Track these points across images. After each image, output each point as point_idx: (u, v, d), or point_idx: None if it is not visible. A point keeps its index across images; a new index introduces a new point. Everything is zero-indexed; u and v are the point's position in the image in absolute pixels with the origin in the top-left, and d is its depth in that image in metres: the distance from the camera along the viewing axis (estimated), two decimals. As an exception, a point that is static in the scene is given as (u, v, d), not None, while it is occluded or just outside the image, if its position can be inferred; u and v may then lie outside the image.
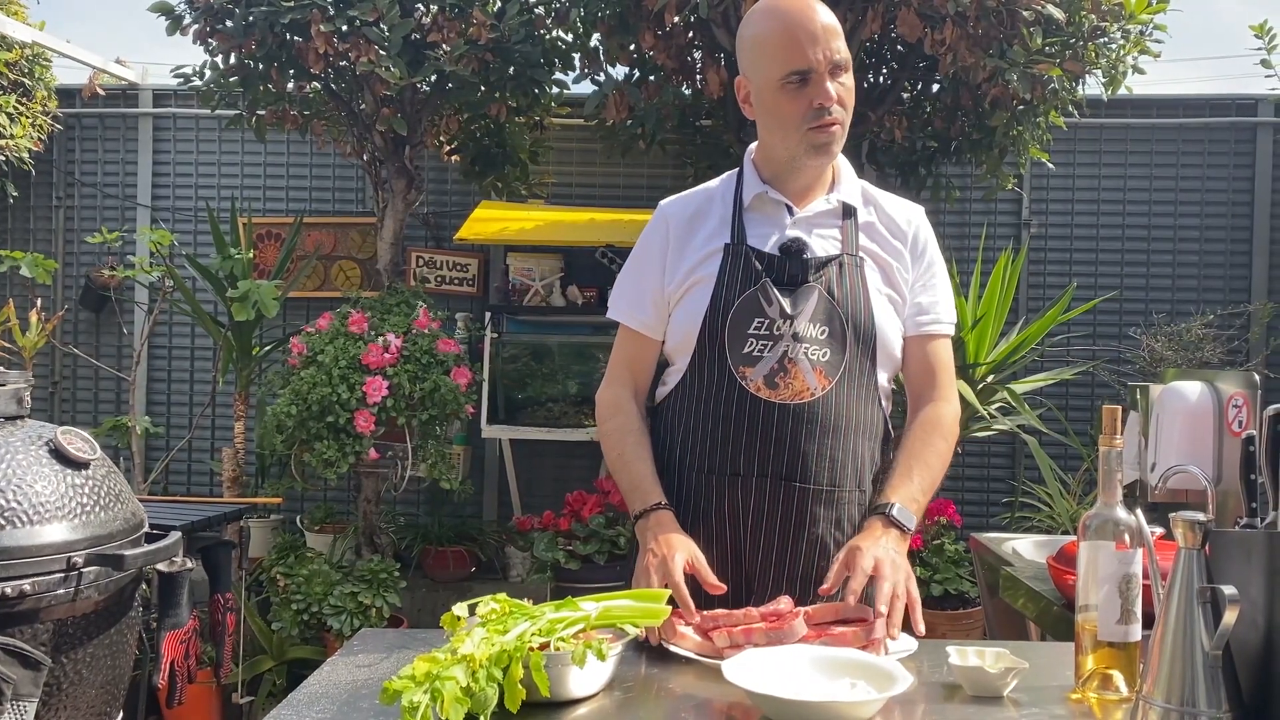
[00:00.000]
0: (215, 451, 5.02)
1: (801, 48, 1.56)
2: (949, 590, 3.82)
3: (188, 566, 1.60)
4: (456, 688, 1.11)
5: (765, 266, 1.63)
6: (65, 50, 4.85)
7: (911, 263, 1.71)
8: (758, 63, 1.62)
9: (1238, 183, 4.99)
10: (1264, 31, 4.58)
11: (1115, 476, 1.32)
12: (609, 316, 1.78)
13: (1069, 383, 4.59)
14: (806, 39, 1.56)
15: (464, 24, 3.77)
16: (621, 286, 1.77)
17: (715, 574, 1.59)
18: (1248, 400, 2.13)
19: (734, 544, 1.64)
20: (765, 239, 1.66)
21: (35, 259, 4.22)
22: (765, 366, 1.60)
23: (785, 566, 1.62)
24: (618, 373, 1.76)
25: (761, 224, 1.68)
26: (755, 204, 1.69)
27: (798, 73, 1.57)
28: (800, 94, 1.58)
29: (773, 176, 1.69)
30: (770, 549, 1.62)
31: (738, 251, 1.65)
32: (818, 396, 1.60)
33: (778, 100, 1.60)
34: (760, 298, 1.61)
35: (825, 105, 1.58)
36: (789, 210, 1.68)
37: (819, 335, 1.61)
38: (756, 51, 1.62)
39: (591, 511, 3.83)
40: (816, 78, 1.57)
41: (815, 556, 1.63)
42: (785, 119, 1.61)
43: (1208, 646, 1.12)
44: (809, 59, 1.56)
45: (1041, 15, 3.38)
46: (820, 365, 1.61)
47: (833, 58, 1.57)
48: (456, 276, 4.93)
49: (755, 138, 1.74)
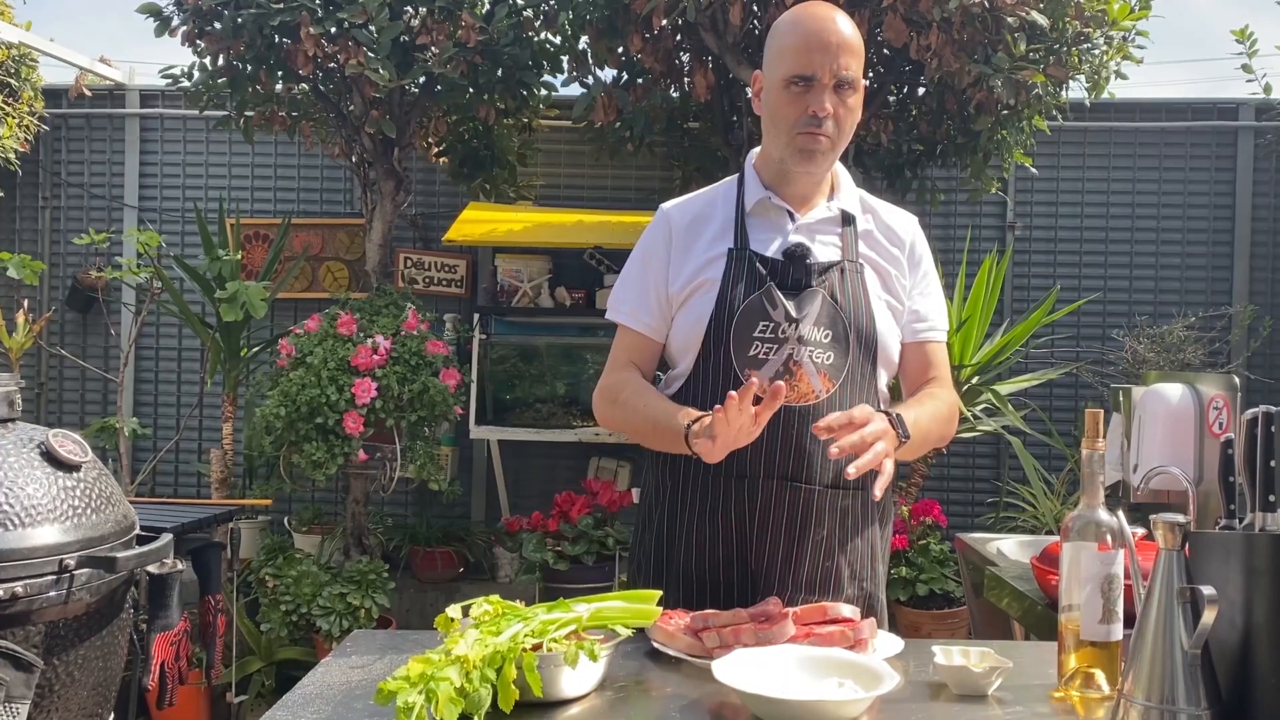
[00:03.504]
0: (203, 453, 5.01)
1: (811, 54, 1.59)
2: (934, 590, 3.84)
3: (178, 568, 1.61)
4: (451, 688, 1.12)
5: (769, 271, 1.65)
6: (51, 50, 4.83)
7: (909, 270, 1.74)
8: (772, 58, 1.66)
9: (1219, 186, 5.04)
10: (1245, 36, 4.63)
11: (1097, 479, 1.34)
12: (609, 318, 1.78)
13: (1053, 384, 4.62)
14: (818, 47, 1.59)
15: (453, 26, 3.77)
16: (623, 289, 1.77)
17: (721, 575, 1.61)
18: (1228, 402, 2.16)
19: (740, 545, 1.64)
20: (768, 244, 1.68)
21: (23, 260, 4.21)
22: (770, 369, 1.62)
23: (791, 567, 1.64)
24: (621, 362, 1.76)
25: (764, 229, 1.69)
26: (757, 209, 1.71)
27: (802, 77, 1.60)
28: (799, 98, 1.61)
29: (772, 182, 1.71)
30: (776, 549, 1.63)
31: (741, 256, 1.66)
32: (822, 399, 1.62)
33: (779, 100, 1.63)
34: (765, 301, 1.63)
35: (819, 115, 1.60)
36: (791, 216, 1.70)
37: (823, 339, 1.63)
38: (773, 49, 1.66)
39: (580, 512, 3.84)
40: (819, 86, 1.60)
41: (820, 557, 1.65)
42: (780, 119, 1.64)
43: (1187, 645, 1.14)
44: (814, 66, 1.59)
45: (1025, 21, 3.41)
46: (824, 368, 1.63)
47: (839, 72, 1.60)
48: (444, 278, 4.94)
49: (742, 140, 1.76)
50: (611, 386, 1.73)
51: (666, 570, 1.69)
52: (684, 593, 1.66)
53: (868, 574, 1.71)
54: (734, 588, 1.63)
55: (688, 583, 1.66)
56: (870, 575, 1.71)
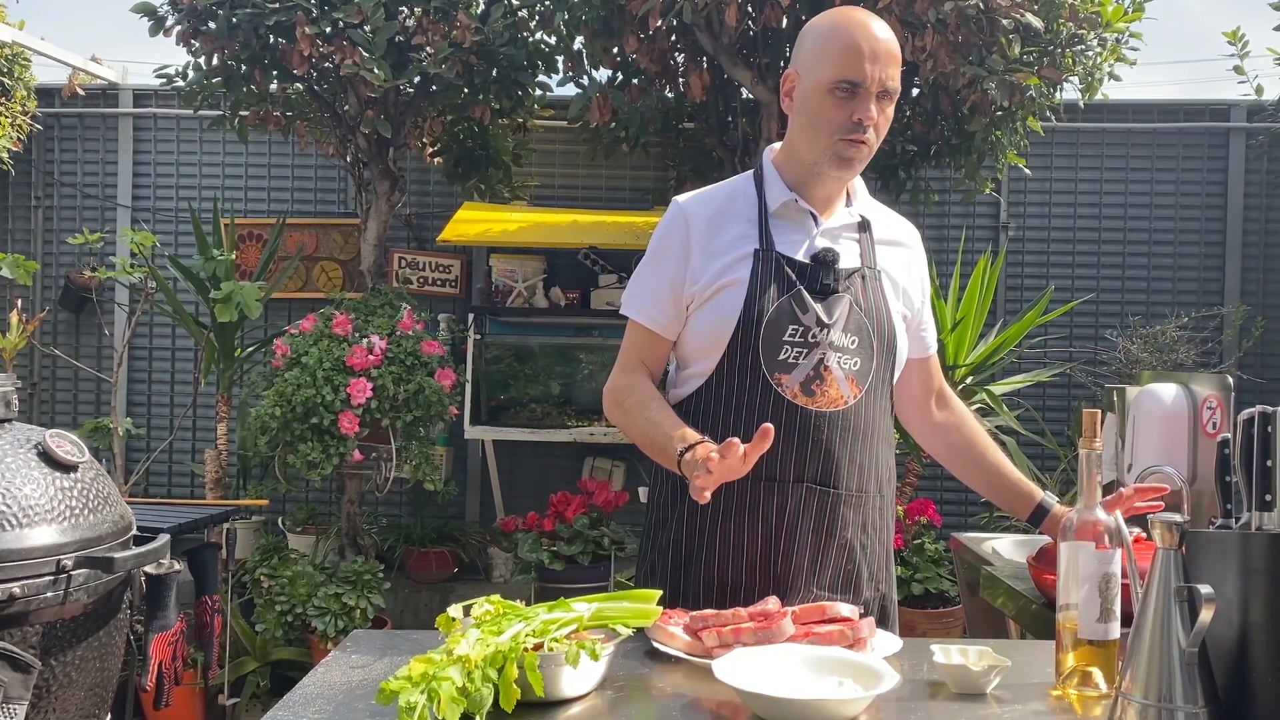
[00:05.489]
0: (196, 453, 5.00)
1: (862, 60, 1.58)
2: (929, 589, 3.86)
3: (175, 569, 1.60)
4: (453, 688, 1.12)
5: (798, 274, 1.63)
6: (43, 49, 4.81)
7: (914, 280, 1.77)
8: (815, 60, 1.62)
9: (1211, 186, 5.06)
10: (1237, 38, 4.65)
11: (1095, 478, 1.35)
12: (623, 313, 1.75)
13: (1046, 384, 4.64)
14: (869, 54, 1.58)
15: (448, 27, 3.77)
16: (639, 284, 1.73)
17: (745, 578, 1.62)
18: (1221, 402, 2.18)
19: (765, 547, 1.63)
20: (794, 246, 1.66)
21: (16, 260, 4.19)
22: (801, 374, 1.61)
23: (816, 570, 1.63)
24: (631, 362, 1.73)
25: (789, 230, 1.68)
26: (781, 211, 1.69)
27: (850, 82, 1.58)
28: (845, 104, 1.59)
29: (795, 182, 1.69)
30: (803, 552, 1.63)
31: (768, 258, 1.64)
32: (850, 405, 1.63)
33: (822, 103, 1.61)
34: (795, 305, 1.62)
35: (864, 122, 1.59)
36: (814, 219, 1.69)
37: (849, 345, 1.63)
38: (818, 50, 1.62)
39: (575, 512, 3.84)
40: (864, 93, 1.59)
41: (843, 561, 1.65)
42: (822, 123, 1.62)
43: (1184, 644, 1.15)
44: (864, 73, 1.58)
45: (1020, 24, 3.42)
46: (852, 374, 1.63)
47: (885, 82, 1.60)
48: (439, 278, 4.93)
49: (737, 141, 1.76)
50: (620, 389, 1.72)
51: (685, 572, 1.68)
52: (705, 595, 1.64)
53: (883, 576, 1.72)
54: (757, 590, 1.62)
55: (709, 585, 1.65)
56: (885, 577, 1.72)
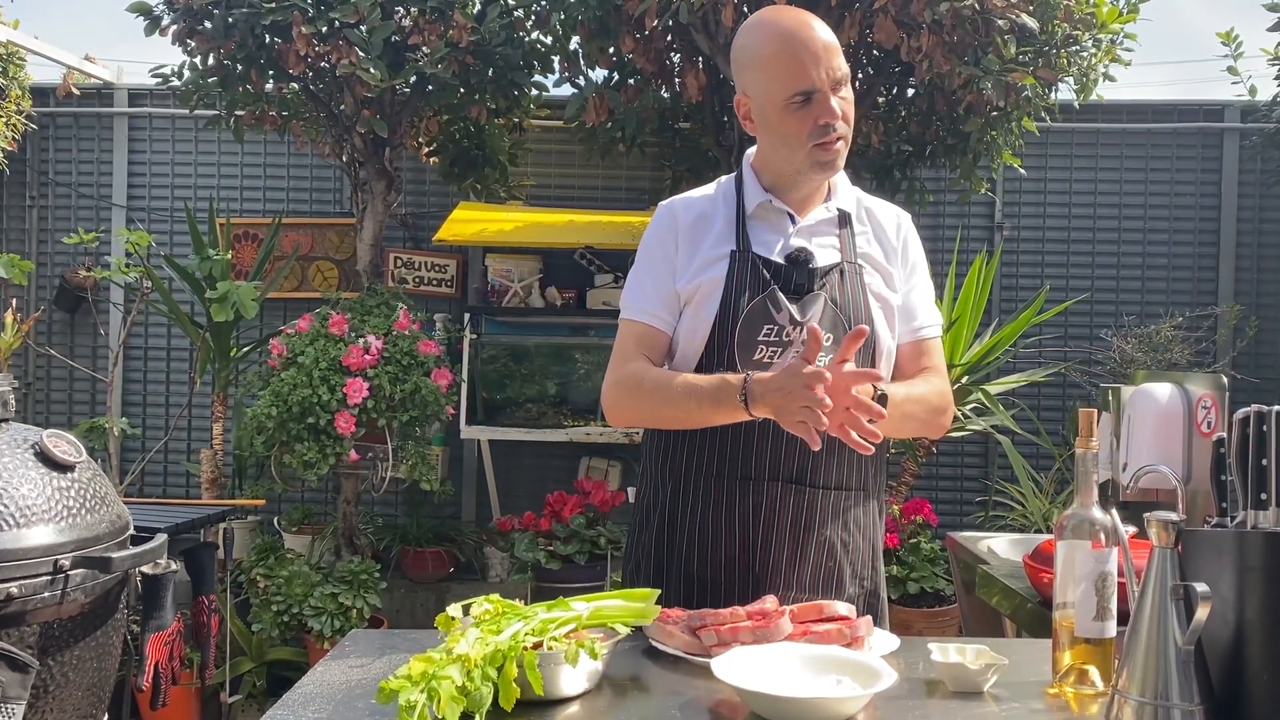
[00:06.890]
0: (192, 453, 4.99)
1: (805, 68, 1.57)
2: (925, 588, 3.87)
3: (172, 569, 1.60)
4: (452, 687, 1.13)
5: (772, 274, 1.64)
6: (37, 48, 4.80)
7: (901, 266, 1.74)
8: (760, 82, 1.62)
9: (1205, 187, 5.08)
10: (1230, 39, 4.66)
11: (1091, 477, 1.35)
12: (623, 317, 1.74)
13: (1041, 384, 4.65)
14: (809, 59, 1.57)
15: (444, 26, 3.77)
16: (636, 286, 1.73)
17: (723, 576, 1.62)
18: (1216, 401, 2.18)
19: (743, 547, 1.64)
20: (770, 246, 1.67)
21: (12, 259, 4.18)
22: None
23: (795, 569, 1.64)
24: (631, 354, 1.70)
25: (765, 231, 1.69)
26: (758, 212, 1.70)
27: (802, 93, 1.58)
28: (805, 113, 1.59)
29: (773, 185, 1.70)
30: (780, 551, 1.64)
31: (744, 259, 1.65)
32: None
33: (783, 119, 1.61)
34: (769, 305, 1.62)
35: (830, 123, 1.59)
36: (791, 219, 1.69)
37: (825, 343, 1.62)
38: (758, 71, 1.62)
39: (572, 512, 3.85)
40: (820, 96, 1.58)
41: (823, 559, 1.65)
42: (790, 137, 1.62)
43: (1181, 641, 1.16)
44: (813, 79, 1.57)
45: (1016, 24, 3.43)
46: None
47: (834, 75, 1.59)
48: (435, 277, 4.93)
49: (733, 141, 1.76)
50: (630, 377, 1.66)
51: (666, 570, 1.69)
52: (684, 593, 1.65)
53: (868, 572, 1.72)
54: (735, 588, 1.63)
55: (688, 583, 1.66)
56: (871, 573, 1.72)
